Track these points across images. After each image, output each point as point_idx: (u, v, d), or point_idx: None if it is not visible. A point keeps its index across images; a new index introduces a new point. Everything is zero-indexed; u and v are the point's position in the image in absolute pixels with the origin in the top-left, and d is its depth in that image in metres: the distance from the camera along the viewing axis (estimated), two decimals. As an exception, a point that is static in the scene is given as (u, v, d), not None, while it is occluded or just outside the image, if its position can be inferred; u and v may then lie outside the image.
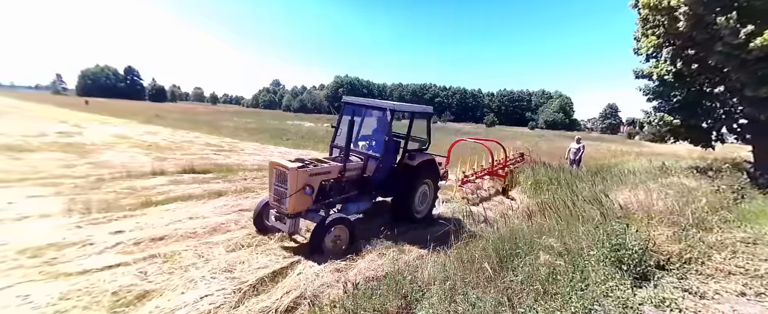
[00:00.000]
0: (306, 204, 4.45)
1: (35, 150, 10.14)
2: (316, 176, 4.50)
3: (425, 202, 6.10)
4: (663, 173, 8.52)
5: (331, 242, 4.30)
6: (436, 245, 4.51)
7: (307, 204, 4.46)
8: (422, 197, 5.97)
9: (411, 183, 5.53)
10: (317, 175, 4.51)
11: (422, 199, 6.00)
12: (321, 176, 4.58)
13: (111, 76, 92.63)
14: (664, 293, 2.79)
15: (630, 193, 5.74)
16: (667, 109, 10.10)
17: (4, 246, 4.06)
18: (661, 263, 3.29)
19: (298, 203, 4.33)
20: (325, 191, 4.72)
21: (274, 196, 4.47)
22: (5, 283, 3.36)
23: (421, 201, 5.99)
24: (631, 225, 3.61)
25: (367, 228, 5.12)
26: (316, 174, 4.49)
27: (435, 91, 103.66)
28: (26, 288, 3.31)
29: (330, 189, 4.78)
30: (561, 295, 2.73)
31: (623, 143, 34.07)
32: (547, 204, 5.56)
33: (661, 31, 8.94)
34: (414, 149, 5.90)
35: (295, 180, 4.23)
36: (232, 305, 3.16)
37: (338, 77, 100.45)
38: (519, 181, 9.33)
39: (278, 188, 4.40)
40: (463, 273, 3.21)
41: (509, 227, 4.51)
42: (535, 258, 3.31)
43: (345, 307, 2.73)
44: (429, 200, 6.17)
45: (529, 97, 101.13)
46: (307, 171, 4.38)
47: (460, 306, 2.68)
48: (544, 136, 39.46)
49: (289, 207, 4.27)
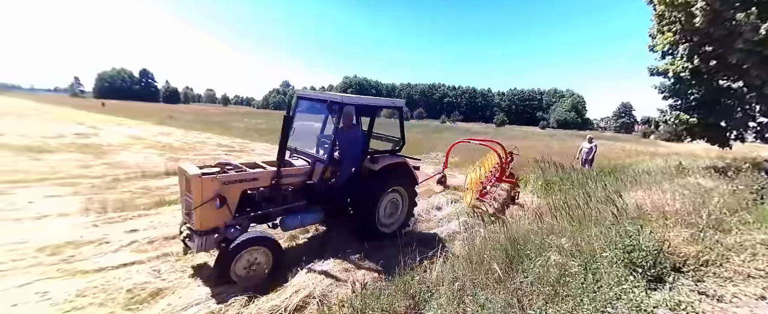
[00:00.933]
0: (221, 219, 3.62)
1: (54, 151, 10.46)
2: (234, 184, 3.71)
3: (396, 214, 5.19)
4: (679, 173, 8.29)
5: (244, 269, 3.56)
6: (445, 246, 4.48)
7: (223, 218, 3.63)
8: (391, 208, 5.10)
9: (372, 192, 4.66)
10: (235, 183, 3.72)
11: (392, 210, 5.12)
12: (242, 184, 3.80)
13: (126, 79, 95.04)
14: (680, 296, 2.71)
15: (644, 194, 5.60)
16: (683, 107, 9.83)
17: (24, 244, 4.21)
18: (677, 265, 3.20)
19: (208, 217, 3.52)
20: (254, 202, 3.96)
21: (185, 209, 3.75)
22: (25, 280, 3.48)
23: (390, 213, 5.11)
24: (645, 226, 3.53)
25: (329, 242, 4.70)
26: (233, 182, 3.70)
27: (444, 90, 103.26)
28: (45, 285, 3.41)
29: (260, 199, 3.99)
30: (572, 297, 2.68)
31: (638, 142, 33.31)
32: (558, 204, 5.47)
33: (677, 28, 8.70)
34: (384, 151, 5.11)
35: (200, 190, 3.44)
36: (242, 304, 3.21)
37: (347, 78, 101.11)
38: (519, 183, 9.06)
39: (187, 199, 3.66)
40: (472, 274, 3.18)
41: (519, 228, 4.45)
42: (545, 259, 3.26)
43: (353, 306, 2.74)
44: (401, 212, 5.24)
45: (540, 96, 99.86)
46: (218, 179, 3.56)
47: (468, 307, 2.66)
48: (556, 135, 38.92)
49: (196, 222, 3.50)
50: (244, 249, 3.51)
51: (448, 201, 7.40)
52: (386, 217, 5.07)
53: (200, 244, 3.54)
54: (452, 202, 7.36)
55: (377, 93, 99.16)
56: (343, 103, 4.39)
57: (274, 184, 4.02)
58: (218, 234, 3.59)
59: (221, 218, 3.63)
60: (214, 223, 3.59)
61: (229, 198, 3.61)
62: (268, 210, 4.05)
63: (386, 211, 5.03)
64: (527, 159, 12.92)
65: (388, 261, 4.09)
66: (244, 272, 3.57)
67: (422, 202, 7.11)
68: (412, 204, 5.35)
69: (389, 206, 5.05)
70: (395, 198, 5.11)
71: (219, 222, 3.62)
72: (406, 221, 5.33)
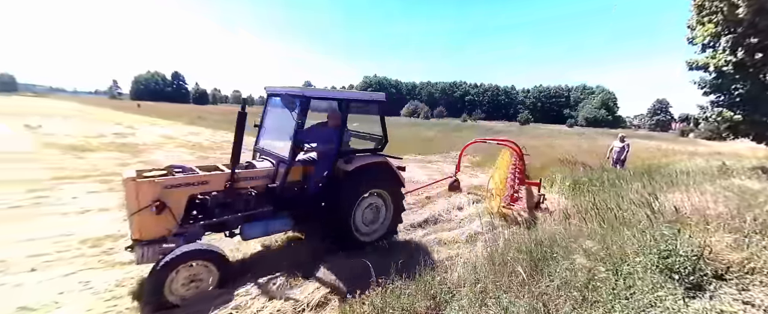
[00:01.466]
0: (164, 227, 3.26)
1: (95, 149, 11.17)
2: (178, 189, 3.33)
3: (378, 221, 4.68)
4: (722, 174, 7.75)
5: (182, 287, 3.13)
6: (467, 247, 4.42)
7: (167, 226, 3.27)
8: (371, 213, 4.59)
9: (344, 195, 4.18)
10: (179, 188, 3.34)
11: (373, 216, 4.61)
12: (189, 188, 3.41)
13: (160, 82, 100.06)
14: (722, 305, 2.53)
15: (682, 196, 5.27)
16: (726, 103, 9.17)
17: (69, 236, 4.54)
18: (718, 272, 2.99)
19: (146, 225, 3.17)
20: (207, 208, 3.56)
21: (127, 216, 3.33)
22: (70, 270, 3.75)
23: (371, 219, 4.60)
24: (683, 230, 3.32)
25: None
26: (176, 186, 3.32)
27: (465, 88, 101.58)
28: (87, 275, 3.67)
29: (214, 205, 3.58)
30: (602, 304, 2.57)
31: (675, 141, 31.43)
32: (587, 206, 5.25)
33: (718, 18, 8.12)
34: (364, 150, 4.65)
35: (134, 195, 3.11)
36: (267, 298, 3.30)
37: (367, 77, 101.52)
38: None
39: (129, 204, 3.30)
40: (495, 276, 3.12)
41: (544, 230, 4.31)
42: (572, 263, 3.14)
43: (374, 305, 2.75)
44: (384, 217, 4.73)
45: (567, 92, 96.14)
46: (156, 183, 3.19)
47: (491, 309, 2.61)
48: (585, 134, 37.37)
49: (133, 230, 3.19)
50: (181, 264, 3.06)
51: (469, 201, 7.28)
52: (365, 224, 4.55)
53: (141, 255, 3.16)
54: (474, 202, 7.24)
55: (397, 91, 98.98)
56: (303, 96, 3.87)
57: (230, 188, 3.61)
58: (165, 244, 3.25)
59: (164, 226, 3.26)
60: (155, 232, 3.23)
61: (171, 205, 3.24)
62: (224, 218, 3.61)
63: (365, 217, 4.52)
64: (552, 158, 12.51)
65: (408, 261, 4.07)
66: (184, 290, 3.14)
67: (443, 202, 7.03)
68: (399, 210, 4.80)
69: (368, 211, 4.55)
70: (376, 203, 4.59)
71: (162, 231, 3.26)
72: (392, 228, 4.80)
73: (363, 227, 4.53)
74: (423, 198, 7.35)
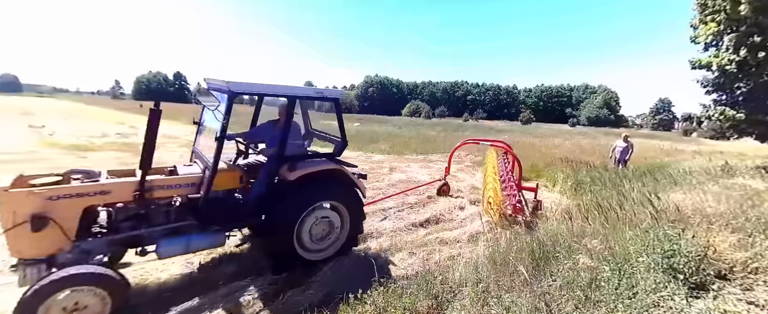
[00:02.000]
0: (51, 244, 2.75)
1: (97, 149, 11.21)
2: (68, 200, 2.79)
3: (331, 236, 4.05)
4: (725, 173, 7.72)
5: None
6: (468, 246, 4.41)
7: (55, 243, 2.76)
8: (323, 228, 3.96)
9: (285, 207, 3.59)
10: (71, 198, 2.80)
11: (324, 231, 3.98)
12: (84, 199, 2.87)
13: (162, 82, 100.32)
14: (726, 305, 2.52)
15: (685, 195, 5.25)
16: (729, 102, 9.14)
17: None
18: (722, 272, 2.97)
19: (24, 243, 2.67)
20: (112, 221, 3.10)
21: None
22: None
23: (322, 235, 3.97)
24: (687, 230, 3.31)
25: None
26: (65, 197, 2.77)
27: (467, 88, 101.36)
28: None
29: (122, 218, 3.13)
30: (605, 303, 2.56)
31: (678, 140, 31.31)
32: (589, 205, 5.23)
33: (721, 17, 8.09)
34: (320, 154, 4.13)
35: (9, 208, 2.61)
36: (269, 297, 3.31)
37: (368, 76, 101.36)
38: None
39: None
40: (497, 275, 3.11)
41: (547, 229, 4.30)
42: (575, 262, 3.14)
43: (376, 304, 2.75)
44: (340, 233, 4.12)
45: (569, 92, 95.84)
46: (36, 193, 2.67)
47: (493, 309, 2.60)
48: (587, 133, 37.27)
49: (8, 248, 2.68)
50: (58, 291, 2.52)
51: (471, 200, 7.27)
52: (314, 240, 3.91)
53: (22, 276, 2.69)
54: (476, 202, 7.23)
55: (398, 91, 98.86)
56: (229, 90, 3.32)
57: (140, 199, 3.06)
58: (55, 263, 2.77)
59: (50, 244, 2.74)
60: (37, 251, 2.72)
61: (59, 218, 2.71)
62: (133, 233, 3.11)
63: (314, 233, 3.88)
64: (555, 158, 12.49)
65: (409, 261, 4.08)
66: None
67: (445, 202, 7.02)
68: (358, 224, 4.20)
69: (319, 226, 3.91)
70: (329, 217, 3.98)
71: (47, 249, 2.75)
72: (349, 244, 4.21)
73: (311, 243, 3.88)
74: (424, 197, 7.34)
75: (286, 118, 3.65)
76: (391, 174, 9.89)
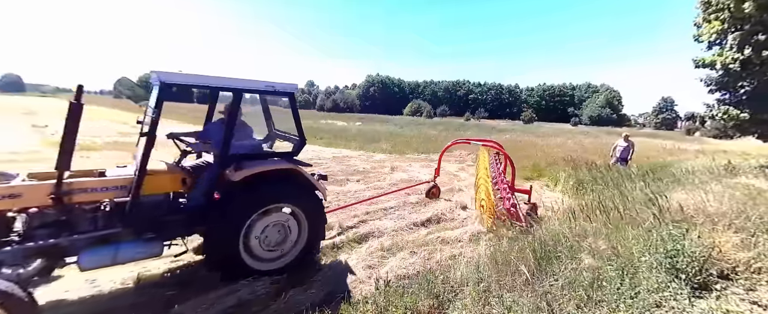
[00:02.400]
0: None
1: (100, 149, 11.26)
2: None
3: (286, 243, 3.72)
4: (728, 173, 7.67)
5: None
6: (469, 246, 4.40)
7: None
8: (275, 234, 3.62)
9: (229, 211, 3.27)
10: None
11: (277, 238, 3.65)
12: None
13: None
14: (728, 305, 2.51)
15: (688, 195, 5.23)
16: (733, 101, 9.08)
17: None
18: (725, 272, 2.96)
19: None
20: (28, 228, 2.79)
21: None
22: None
23: (276, 242, 3.65)
24: (690, 230, 3.29)
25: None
26: None
27: (468, 87, 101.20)
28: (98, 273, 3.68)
29: (38, 224, 2.80)
30: (607, 303, 2.55)
31: (681, 140, 31.16)
32: (591, 205, 5.21)
33: (725, 16, 8.03)
34: (268, 154, 3.85)
35: None
36: (271, 296, 3.31)
37: (370, 76, 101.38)
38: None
39: None
40: (498, 275, 3.11)
41: (548, 229, 4.29)
42: (578, 262, 3.12)
43: (377, 304, 2.75)
44: (298, 240, 3.78)
45: (572, 91, 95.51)
46: None
47: (494, 308, 2.60)
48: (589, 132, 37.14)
49: None
50: None
51: (472, 200, 7.26)
52: (267, 248, 3.58)
53: None
54: (477, 201, 7.21)
55: (400, 90, 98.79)
56: (161, 82, 3.10)
57: (58, 203, 2.78)
58: None
59: None
60: None
61: None
62: (51, 241, 2.78)
63: (266, 239, 3.56)
64: (555, 157, 12.45)
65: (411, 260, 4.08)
66: None
67: (446, 201, 7.01)
68: (318, 229, 3.86)
69: (272, 232, 3.59)
70: (283, 222, 3.65)
71: None
72: (308, 252, 3.85)
73: (262, 251, 3.55)
74: (425, 197, 7.34)
75: (229, 114, 3.32)
76: (393, 174, 9.88)
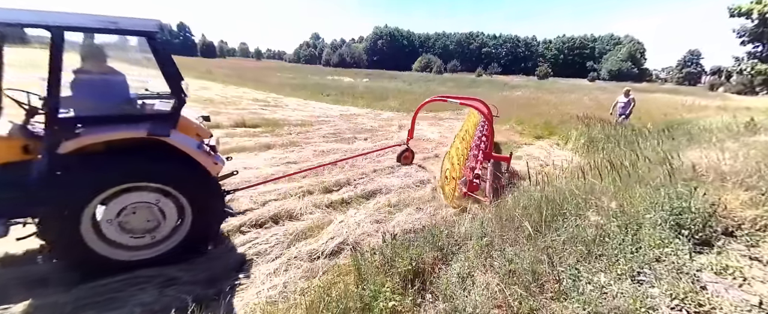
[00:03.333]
0: None
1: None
2: None
3: (164, 229, 3.00)
4: (748, 131, 7.41)
5: None
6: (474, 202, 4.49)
7: None
8: (142, 220, 2.91)
9: (61, 190, 2.62)
10: None
11: (145, 224, 2.92)
12: None
13: (166, 33, 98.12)
14: (728, 260, 2.56)
15: (702, 153, 5.11)
16: (764, 54, 8.48)
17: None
18: (729, 229, 2.99)
19: None
20: None
21: None
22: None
23: (145, 227, 2.93)
24: (699, 187, 3.27)
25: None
26: None
27: (482, 39, 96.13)
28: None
29: None
30: (607, 257, 2.63)
31: (703, 96, 29.68)
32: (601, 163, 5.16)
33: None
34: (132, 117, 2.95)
35: None
36: (284, 246, 3.51)
37: (377, 28, 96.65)
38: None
39: None
40: (501, 231, 3.19)
41: (556, 187, 4.31)
42: (583, 220, 3.18)
43: (384, 254, 2.89)
44: (174, 225, 3.05)
45: (592, 43, 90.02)
46: None
47: (495, 261, 2.71)
48: (606, 88, 35.64)
49: None
50: None
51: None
52: (132, 234, 2.92)
53: None
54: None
55: (409, 44, 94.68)
56: None
57: None
58: None
59: None
60: None
61: None
62: None
63: (129, 224, 2.87)
64: (569, 115, 12.13)
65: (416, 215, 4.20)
66: None
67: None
68: (209, 213, 3.10)
69: (135, 215, 2.87)
70: (153, 203, 2.90)
71: None
72: (194, 244, 3.13)
73: (124, 238, 2.90)
74: (432, 155, 7.37)
75: (51, 59, 2.46)
76: (401, 132, 9.84)
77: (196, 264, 3.10)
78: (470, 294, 2.36)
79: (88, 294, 2.66)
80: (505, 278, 2.49)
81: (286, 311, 2.29)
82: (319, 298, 2.29)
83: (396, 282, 2.55)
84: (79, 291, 2.67)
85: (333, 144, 7.95)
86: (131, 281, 2.82)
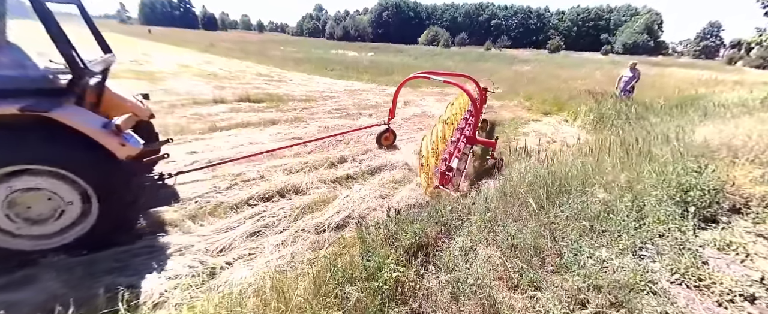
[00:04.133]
0: None
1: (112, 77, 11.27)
2: None
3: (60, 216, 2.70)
4: (765, 106, 7.19)
5: None
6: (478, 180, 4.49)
7: None
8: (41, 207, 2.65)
9: None
10: None
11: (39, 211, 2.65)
12: None
13: (167, 5, 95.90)
14: (732, 237, 2.57)
15: (715, 129, 5.00)
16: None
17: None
18: (737, 206, 2.97)
19: None
20: None
21: None
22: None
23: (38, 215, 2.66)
24: (709, 164, 3.22)
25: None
26: None
27: (492, 11, 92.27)
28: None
29: None
30: (609, 233, 2.65)
31: (720, 70, 28.69)
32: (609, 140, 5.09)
33: None
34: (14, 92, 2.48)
35: None
36: (291, 219, 3.59)
37: None
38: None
39: None
40: (505, 207, 3.21)
41: (563, 162, 4.28)
42: (588, 196, 3.17)
43: (388, 228, 2.95)
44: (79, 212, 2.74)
45: (608, 14, 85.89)
46: None
47: (498, 235, 2.75)
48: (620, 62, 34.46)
49: None
50: None
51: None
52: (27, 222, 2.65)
53: None
54: (491, 134, 7.14)
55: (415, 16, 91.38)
56: None
57: None
58: None
59: None
60: None
61: None
62: None
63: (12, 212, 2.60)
64: (579, 90, 11.84)
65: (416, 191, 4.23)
66: None
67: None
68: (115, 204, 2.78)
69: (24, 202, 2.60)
70: (43, 188, 2.61)
71: None
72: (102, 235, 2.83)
73: (15, 226, 2.63)
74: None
75: None
76: (406, 108, 9.72)
77: (206, 234, 3.21)
78: (472, 267, 2.41)
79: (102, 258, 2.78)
80: (507, 252, 2.53)
81: (294, 280, 2.37)
82: (326, 268, 2.36)
83: (400, 254, 2.60)
84: (97, 255, 2.80)
85: (337, 120, 7.90)
86: (146, 249, 2.96)
